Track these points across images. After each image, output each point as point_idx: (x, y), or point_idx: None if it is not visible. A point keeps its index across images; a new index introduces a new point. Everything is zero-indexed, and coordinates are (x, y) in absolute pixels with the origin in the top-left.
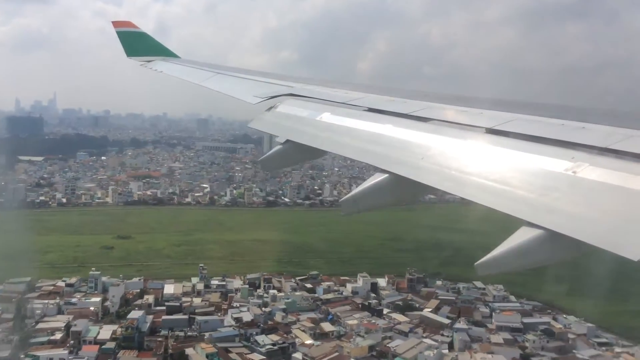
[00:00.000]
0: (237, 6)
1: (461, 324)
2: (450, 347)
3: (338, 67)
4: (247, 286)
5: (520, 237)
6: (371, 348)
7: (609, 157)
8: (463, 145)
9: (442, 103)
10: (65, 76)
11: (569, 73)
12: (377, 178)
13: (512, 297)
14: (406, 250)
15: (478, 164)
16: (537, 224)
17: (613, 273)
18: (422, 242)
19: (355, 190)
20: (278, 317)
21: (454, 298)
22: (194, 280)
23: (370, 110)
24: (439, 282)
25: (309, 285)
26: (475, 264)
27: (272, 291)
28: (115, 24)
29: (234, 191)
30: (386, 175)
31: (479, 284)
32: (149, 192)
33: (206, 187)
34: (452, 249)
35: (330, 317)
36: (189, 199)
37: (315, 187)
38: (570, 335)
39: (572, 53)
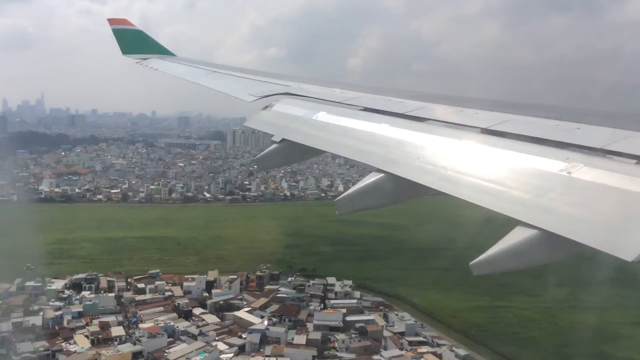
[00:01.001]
0: (223, 3)
1: (277, 325)
2: (242, 349)
3: (327, 64)
4: (54, 288)
5: (515, 237)
6: (136, 355)
7: (604, 158)
8: (459, 146)
9: (437, 103)
10: (53, 76)
11: (557, 66)
12: (372, 177)
13: (357, 294)
14: (297, 246)
15: (474, 164)
16: (532, 224)
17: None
18: (322, 238)
19: (351, 189)
20: (65, 321)
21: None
22: (17, 280)
23: (366, 109)
24: (290, 279)
25: (141, 285)
26: (470, 263)
27: (84, 292)
28: (112, 21)
29: (152, 187)
30: (382, 174)
31: (332, 279)
32: (57, 190)
33: (125, 185)
34: (350, 243)
35: (134, 320)
36: (100, 196)
37: (246, 183)
38: (387, 334)
39: (558, 46)
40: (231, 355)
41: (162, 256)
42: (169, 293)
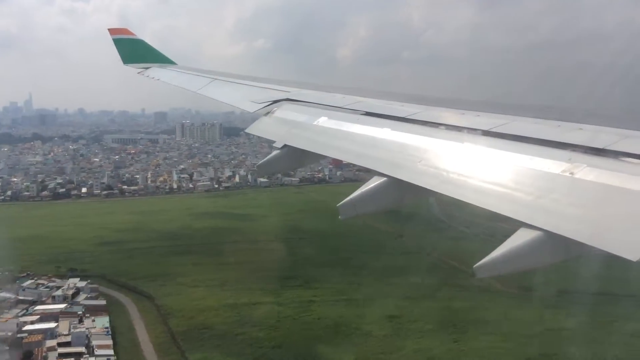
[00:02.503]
0: None
1: None
2: None
3: (315, 55)
4: None
5: (518, 238)
6: None
7: (606, 158)
8: (461, 148)
9: (439, 106)
10: (40, 76)
11: (538, 49)
12: (375, 182)
13: (83, 297)
14: (115, 243)
15: (476, 166)
16: (536, 225)
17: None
18: (156, 233)
19: (354, 194)
20: None
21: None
22: None
23: (368, 114)
24: (29, 282)
25: None
26: (474, 266)
27: None
28: (112, 31)
29: (24, 184)
30: (384, 178)
31: (75, 280)
32: None
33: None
34: (176, 238)
35: None
36: None
37: (137, 176)
38: (51, 343)
39: (536, 29)
40: None
41: None
42: None
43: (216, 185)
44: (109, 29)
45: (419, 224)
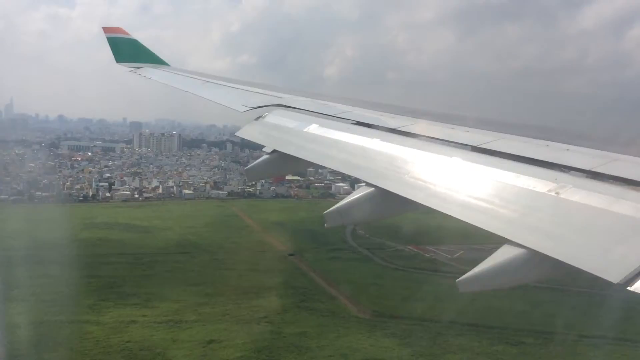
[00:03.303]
0: (191, 10)
1: None
2: None
3: (301, 73)
4: None
5: (502, 255)
6: None
7: (592, 180)
8: (449, 162)
9: (429, 120)
10: (24, 81)
11: (522, 75)
12: (362, 192)
13: None
14: None
15: (463, 181)
16: (520, 242)
17: None
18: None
19: (340, 203)
20: None
21: None
22: None
23: (358, 123)
24: None
25: None
26: (457, 280)
27: None
28: (106, 29)
29: None
30: (371, 189)
31: None
32: None
33: None
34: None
35: None
36: None
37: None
38: None
39: (518, 55)
40: None
41: None
42: None
43: (137, 196)
44: (103, 27)
45: (327, 244)
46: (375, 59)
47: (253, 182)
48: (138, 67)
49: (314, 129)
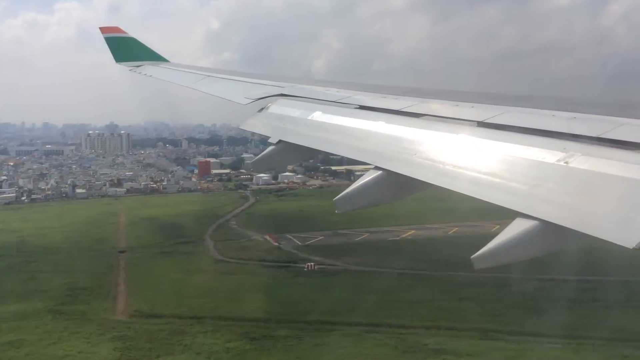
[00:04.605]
0: (171, 9)
1: None
2: None
3: (285, 67)
4: None
5: (515, 228)
6: None
7: (601, 147)
8: (455, 140)
9: (433, 98)
10: (9, 90)
11: (504, 59)
12: (371, 175)
13: None
14: None
15: (471, 157)
16: (532, 214)
17: None
18: None
19: (350, 188)
20: None
21: None
22: None
23: (362, 107)
24: None
25: None
26: (472, 257)
27: None
28: (103, 30)
29: None
30: (380, 172)
31: None
32: None
33: None
34: None
35: None
36: None
37: None
38: None
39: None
40: None
41: None
42: None
43: (23, 198)
44: (100, 28)
45: (176, 237)
46: (358, 50)
47: (161, 178)
48: (138, 66)
49: (318, 116)
